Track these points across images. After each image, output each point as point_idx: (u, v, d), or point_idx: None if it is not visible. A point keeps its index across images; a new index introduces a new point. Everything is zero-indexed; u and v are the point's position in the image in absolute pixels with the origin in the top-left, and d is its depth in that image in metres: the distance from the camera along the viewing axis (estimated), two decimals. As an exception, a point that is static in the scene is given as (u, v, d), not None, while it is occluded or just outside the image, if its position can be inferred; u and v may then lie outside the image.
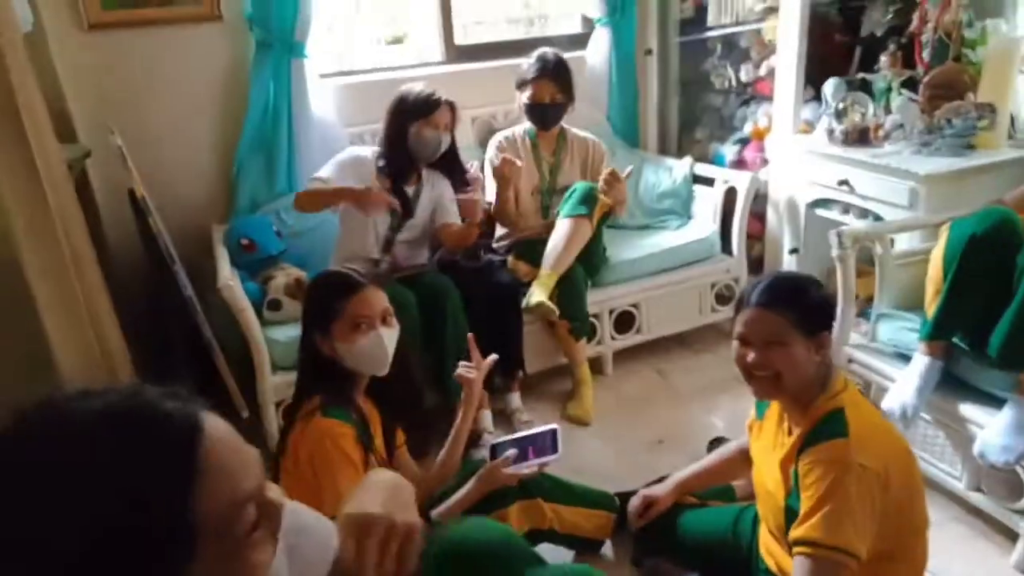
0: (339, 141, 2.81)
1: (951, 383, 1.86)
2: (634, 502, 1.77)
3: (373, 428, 1.56)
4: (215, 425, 0.60)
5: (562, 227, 2.50)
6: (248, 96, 2.73)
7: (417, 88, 2.44)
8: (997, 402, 1.74)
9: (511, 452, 1.70)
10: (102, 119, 2.51)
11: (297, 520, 0.66)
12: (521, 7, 3.44)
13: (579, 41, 3.44)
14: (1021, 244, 1.71)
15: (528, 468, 1.68)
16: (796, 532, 1.27)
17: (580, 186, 2.56)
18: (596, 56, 3.34)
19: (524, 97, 2.67)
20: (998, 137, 2.32)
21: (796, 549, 1.26)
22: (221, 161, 2.84)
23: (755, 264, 3.05)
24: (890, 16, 2.65)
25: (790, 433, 1.41)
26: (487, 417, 2.45)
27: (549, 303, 2.37)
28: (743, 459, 1.67)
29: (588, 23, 3.43)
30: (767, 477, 1.45)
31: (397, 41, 4.70)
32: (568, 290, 2.50)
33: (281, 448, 1.50)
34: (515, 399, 2.55)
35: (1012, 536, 1.76)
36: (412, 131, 2.39)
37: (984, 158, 2.27)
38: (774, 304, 1.35)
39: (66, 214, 1.70)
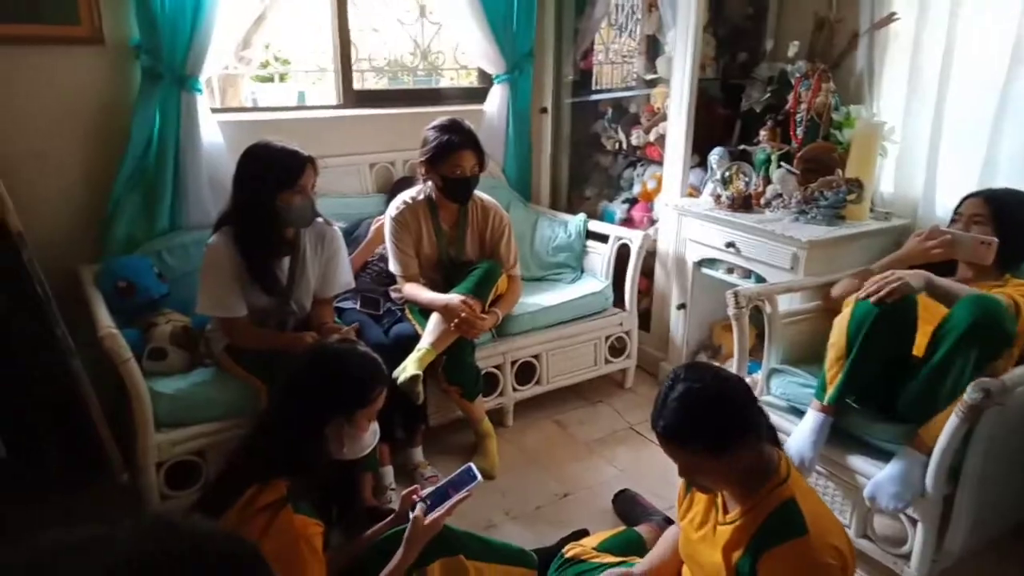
0: (228, 182, 2.62)
1: (839, 436, 2.00)
2: None
3: None
4: None
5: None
6: (129, 128, 2.52)
7: (274, 147, 2.10)
8: (882, 454, 1.89)
9: (425, 492, 1.70)
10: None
11: None
12: (416, 58, 3.44)
13: (475, 95, 3.50)
14: (917, 318, 1.88)
15: (448, 505, 1.65)
16: None
17: (482, 267, 2.48)
18: (493, 111, 3.41)
19: (443, 170, 2.41)
20: (863, 210, 2.59)
21: None
22: (93, 196, 2.58)
23: (643, 317, 3.17)
24: (768, 96, 2.91)
25: (726, 510, 1.41)
26: (389, 473, 2.36)
27: (417, 387, 2.20)
28: None
29: (484, 77, 3.50)
30: (702, 554, 1.45)
31: (267, 80, 4.55)
32: (453, 359, 2.40)
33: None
34: (418, 453, 2.47)
35: (896, 579, 1.91)
36: (279, 203, 2.08)
37: (853, 228, 2.52)
38: (677, 439, 1.32)
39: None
